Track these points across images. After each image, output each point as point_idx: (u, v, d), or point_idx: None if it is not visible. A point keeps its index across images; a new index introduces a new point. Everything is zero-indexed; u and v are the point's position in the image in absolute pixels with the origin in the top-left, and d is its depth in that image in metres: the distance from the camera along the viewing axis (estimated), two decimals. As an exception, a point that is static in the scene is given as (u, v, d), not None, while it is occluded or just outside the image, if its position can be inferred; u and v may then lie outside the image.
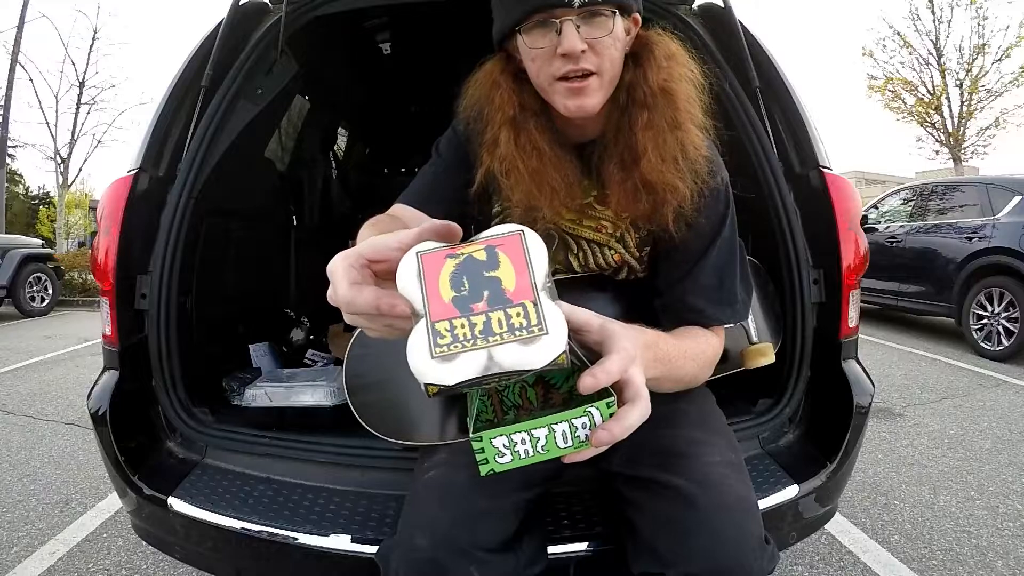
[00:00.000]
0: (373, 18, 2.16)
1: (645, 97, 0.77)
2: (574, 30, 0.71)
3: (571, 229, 0.87)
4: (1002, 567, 1.66)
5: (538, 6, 0.72)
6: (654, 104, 0.77)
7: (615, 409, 0.49)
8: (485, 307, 0.44)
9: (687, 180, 0.76)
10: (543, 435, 0.48)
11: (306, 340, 1.96)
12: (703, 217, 0.80)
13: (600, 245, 0.86)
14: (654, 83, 0.77)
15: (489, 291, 0.45)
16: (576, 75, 0.73)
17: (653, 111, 0.77)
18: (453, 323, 0.44)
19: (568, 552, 0.92)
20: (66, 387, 3.70)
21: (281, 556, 1.01)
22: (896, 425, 2.88)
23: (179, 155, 1.29)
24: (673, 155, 0.76)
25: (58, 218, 15.16)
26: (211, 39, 1.36)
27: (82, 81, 13.99)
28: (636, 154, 0.76)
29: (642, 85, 0.77)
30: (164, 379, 1.21)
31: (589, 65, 0.73)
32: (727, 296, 0.83)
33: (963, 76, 11.94)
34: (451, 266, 0.46)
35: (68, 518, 1.96)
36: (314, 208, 2.57)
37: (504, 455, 0.47)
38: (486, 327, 0.44)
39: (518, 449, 0.47)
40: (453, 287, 0.45)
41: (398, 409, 0.85)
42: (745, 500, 0.73)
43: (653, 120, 0.76)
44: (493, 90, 0.81)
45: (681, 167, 0.76)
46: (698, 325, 0.81)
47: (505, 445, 0.47)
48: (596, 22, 0.73)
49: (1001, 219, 4.40)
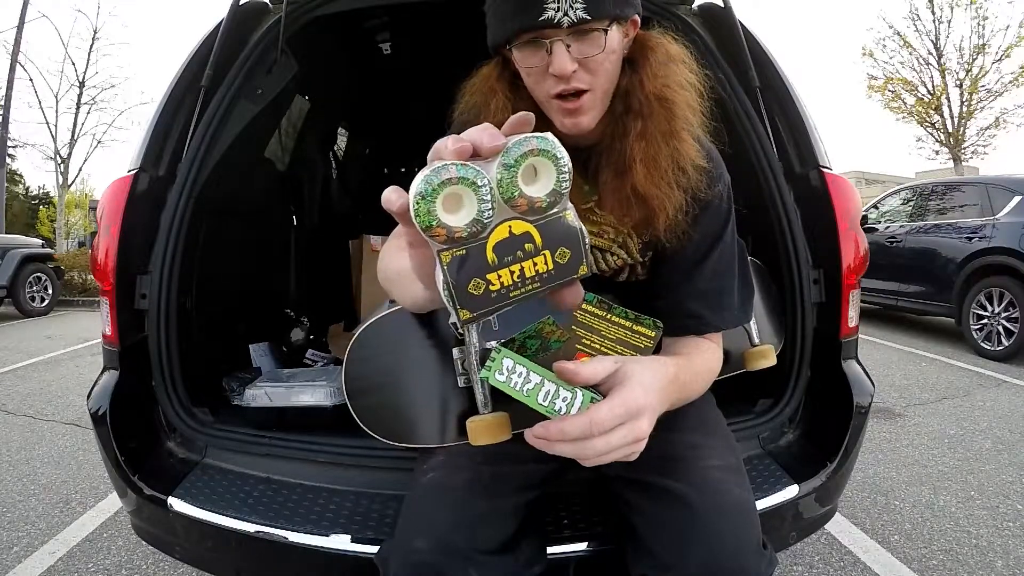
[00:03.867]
0: (373, 18, 2.16)
1: (640, 106, 0.75)
2: (564, 50, 0.69)
3: None
4: (1002, 567, 1.66)
5: (525, 27, 0.70)
6: (649, 113, 0.74)
7: (591, 403, 0.56)
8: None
9: (675, 194, 0.74)
10: (535, 381, 0.56)
11: (306, 340, 1.96)
12: (700, 225, 0.79)
13: (602, 251, 0.85)
14: (650, 90, 0.75)
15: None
16: (569, 93, 0.72)
17: (648, 120, 0.74)
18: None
19: (568, 552, 0.92)
20: (66, 387, 3.70)
21: (281, 556, 1.01)
22: (896, 425, 2.88)
23: (179, 155, 1.29)
24: (664, 168, 0.74)
25: (58, 218, 15.17)
26: (211, 39, 1.36)
27: (82, 81, 14.03)
28: (627, 164, 0.75)
29: (638, 93, 0.75)
30: (164, 379, 1.21)
31: (581, 84, 0.72)
32: (727, 301, 0.83)
33: (963, 76, 11.95)
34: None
35: (68, 518, 1.96)
36: (314, 208, 2.58)
37: (503, 374, 0.55)
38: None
39: (514, 378, 0.55)
40: None
41: (398, 411, 0.85)
42: (744, 504, 0.73)
43: (647, 130, 0.74)
44: (489, 96, 0.79)
45: (670, 180, 0.74)
46: (697, 331, 0.81)
47: (509, 368, 0.55)
48: (588, 39, 0.70)
49: (1001, 219, 4.40)
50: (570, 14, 0.68)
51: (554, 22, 0.68)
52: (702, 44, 1.33)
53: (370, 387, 0.84)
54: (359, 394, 0.84)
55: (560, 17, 0.68)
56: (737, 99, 1.27)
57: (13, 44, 11.12)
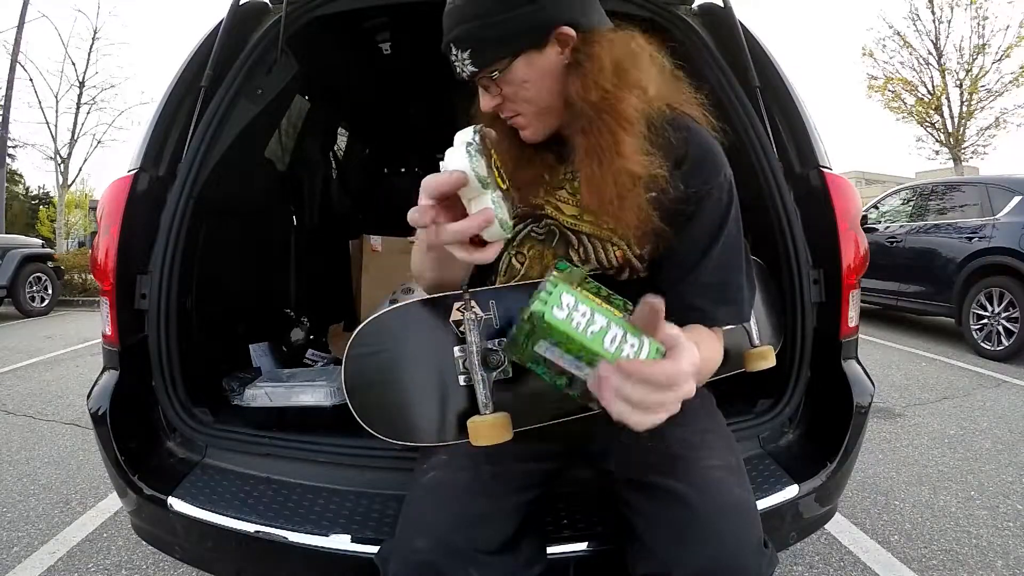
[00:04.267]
0: (373, 18, 2.16)
1: (582, 118, 0.75)
2: (483, 92, 0.80)
3: (571, 224, 0.86)
4: (1002, 567, 1.66)
5: (457, 76, 0.80)
6: (589, 127, 0.75)
7: (658, 356, 0.50)
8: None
9: (626, 211, 0.75)
10: (601, 323, 0.49)
11: (306, 340, 1.96)
12: (699, 218, 0.79)
13: (600, 240, 0.85)
14: (589, 100, 0.74)
15: None
16: (509, 117, 0.81)
17: (590, 135, 0.75)
18: None
19: (567, 552, 0.92)
20: (66, 387, 3.70)
21: (281, 556, 1.01)
22: (896, 425, 2.88)
23: (179, 155, 1.29)
24: (609, 195, 0.74)
25: (58, 218, 15.14)
26: (211, 39, 1.36)
27: (82, 81, 13.98)
28: (582, 179, 0.78)
29: (578, 102, 0.76)
30: (164, 379, 1.21)
31: (508, 112, 0.81)
32: (731, 296, 0.82)
33: (963, 76, 11.93)
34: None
35: (68, 518, 1.96)
36: (314, 208, 2.58)
37: (562, 311, 0.49)
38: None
39: (575, 316, 0.49)
40: None
41: (397, 409, 0.85)
42: (744, 503, 0.73)
43: (591, 147, 0.74)
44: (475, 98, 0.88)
45: (615, 205, 0.74)
46: (701, 323, 0.80)
47: (570, 304, 0.49)
48: (502, 78, 0.77)
49: (1001, 219, 4.40)
50: (464, 71, 0.78)
51: (461, 76, 0.79)
52: (702, 44, 1.33)
53: (370, 384, 0.84)
54: (358, 391, 0.84)
55: (460, 73, 0.79)
56: (737, 99, 1.27)
57: (13, 44, 11.10)
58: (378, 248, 2.52)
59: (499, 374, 0.80)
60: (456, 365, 0.82)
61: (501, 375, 0.80)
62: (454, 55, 0.77)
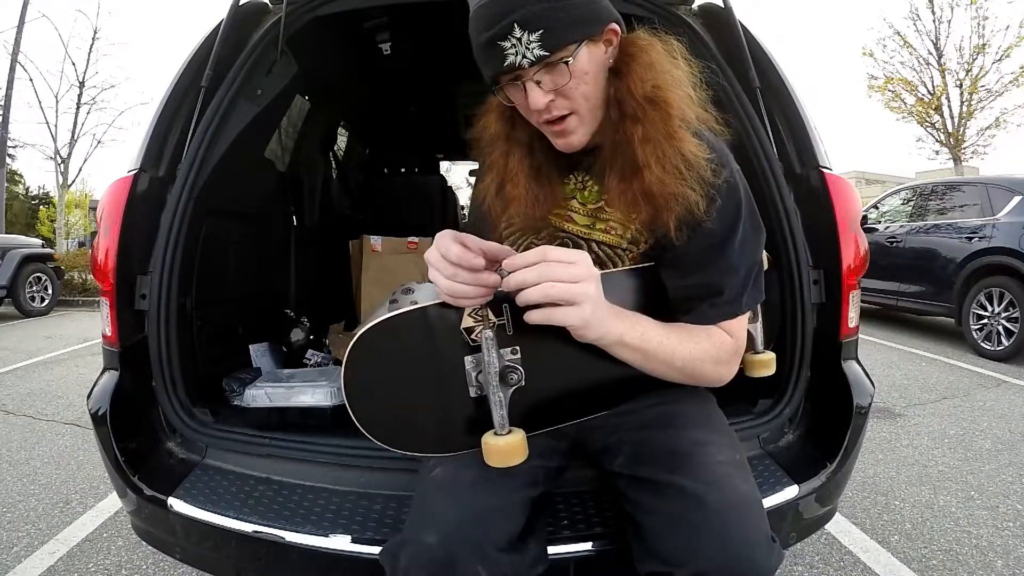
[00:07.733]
0: (373, 18, 2.16)
1: (635, 110, 0.77)
2: (535, 87, 0.75)
3: (584, 234, 0.88)
4: (1002, 567, 1.66)
5: (496, 74, 0.76)
6: (645, 116, 0.77)
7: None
8: None
9: (693, 187, 0.76)
10: None
11: (306, 340, 1.96)
12: (712, 219, 0.79)
13: (612, 247, 0.87)
14: (640, 95, 0.77)
15: None
16: (554, 119, 0.78)
17: (646, 124, 0.77)
18: None
19: (568, 552, 0.92)
20: (66, 387, 3.70)
21: (281, 556, 1.01)
22: (896, 425, 2.88)
23: (179, 155, 1.29)
24: (675, 165, 0.76)
25: (58, 218, 15.13)
26: (211, 39, 1.36)
27: (82, 81, 13.97)
28: (636, 166, 0.77)
29: (628, 99, 0.77)
30: (164, 379, 1.21)
31: (561, 111, 0.77)
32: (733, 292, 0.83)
33: (963, 76, 11.92)
34: None
35: (68, 518, 1.96)
36: (314, 208, 2.58)
37: None
38: None
39: None
40: None
41: (401, 419, 0.81)
42: (751, 498, 0.74)
43: (648, 133, 0.76)
44: (487, 118, 0.90)
45: (685, 176, 0.76)
46: (702, 319, 0.82)
47: None
48: (556, 71, 0.74)
49: (1001, 219, 4.40)
50: (528, 55, 0.72)
51: (516, 66, 0.73)
52: (702, 44, 1.33)
53: (371, 392, 0.80)
54: (360, 398, 0.81)
55: (520, 60, 0.72)
56: (737, 99, 1.27)
57: (13, 44, 11.10)
58: (378, 248, 2.53)
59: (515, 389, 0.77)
60: (468, 376, 0.78)
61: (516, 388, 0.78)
62: (515, 39, 0.71)
